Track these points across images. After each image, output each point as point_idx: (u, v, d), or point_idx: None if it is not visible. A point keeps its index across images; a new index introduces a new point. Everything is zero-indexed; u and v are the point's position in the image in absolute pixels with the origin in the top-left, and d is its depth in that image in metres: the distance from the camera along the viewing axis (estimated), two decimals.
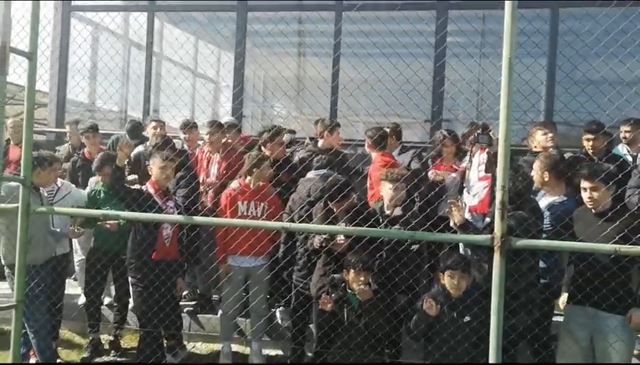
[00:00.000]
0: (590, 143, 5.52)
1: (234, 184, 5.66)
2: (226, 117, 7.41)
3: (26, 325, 5.06)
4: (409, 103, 6.32)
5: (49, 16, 9.08)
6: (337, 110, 8.07)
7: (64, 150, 7.84)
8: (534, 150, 5.54)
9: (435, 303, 4.02)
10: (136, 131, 7.21)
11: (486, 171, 4.77)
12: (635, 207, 4.51)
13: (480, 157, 5.15)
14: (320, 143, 6.21)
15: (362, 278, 4.38)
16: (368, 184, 5.88)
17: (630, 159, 5.74)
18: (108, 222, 5.47)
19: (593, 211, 4.11)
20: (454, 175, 5.76)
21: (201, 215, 4.82)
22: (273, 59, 7.96)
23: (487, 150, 4.77)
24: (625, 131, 5.80)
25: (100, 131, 8.31)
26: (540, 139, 5.55)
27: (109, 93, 8.87)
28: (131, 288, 5.33)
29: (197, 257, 5.65)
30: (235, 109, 8.38)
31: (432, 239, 4.08)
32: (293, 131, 6.89)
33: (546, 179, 4.63)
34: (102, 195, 5.77)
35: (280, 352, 5.96)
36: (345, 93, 7.51)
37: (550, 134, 5.54)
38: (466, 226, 3.99)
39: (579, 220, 4.22)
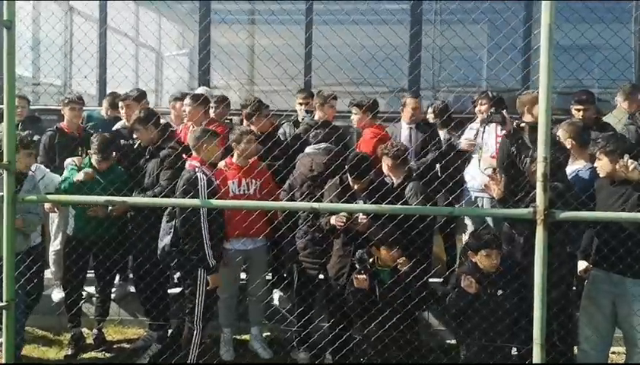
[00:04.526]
0: (581, 113, 5.45)
1: (221, 163, 5.27)
2: (200, 88, 6.95)
3: None
4: (384, 71, 6.12)
5: None
6: (310, 81, 7.76)
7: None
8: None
9: (474, 281, 3.90)
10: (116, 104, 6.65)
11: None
12: None
13: (498, 129, 5.05)
14: (317, 116, 5.91)
15: (396, 254, 4.24)
16: None
17: None
18: (93, 208, 5.07)
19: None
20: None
21: None
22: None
23: (502, 129, 4.61)
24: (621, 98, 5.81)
25: (44, 107, 7.72)
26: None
27: (51, 66, 8.24)
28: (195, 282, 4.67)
29: None
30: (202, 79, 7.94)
31: (471, 214, 3.97)
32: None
33: (569, 147, 4.57)
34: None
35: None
36: (316, 62, 7.23)
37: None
38: (505, 200, 3.87)
39: (601, 189, 4.20)
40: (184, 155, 5.07)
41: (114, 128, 6.13)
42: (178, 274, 5.49)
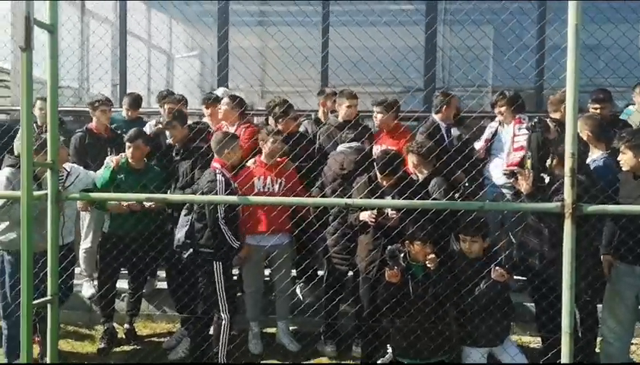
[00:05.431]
0: (598, 111, 5.55)
1: (250, 162, 5.48)
2: (220, 89, 7.07)
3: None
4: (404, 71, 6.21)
5: None
6: (327, 80, 7.89)
7: None
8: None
9: (505, 271, 4.03)
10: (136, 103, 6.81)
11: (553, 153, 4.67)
12: None
13: (515, 128, 5.17)
14: (340, 116, 6.01)
15: (428, 249, 4.34)
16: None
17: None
18: (129, 203, 5.15)
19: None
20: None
21: None
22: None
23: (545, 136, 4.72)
24: (637, 94, 5.92)
25: (60, 108, 7.83)
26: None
27: (66, 69, 8.37)
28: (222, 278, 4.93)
29: None
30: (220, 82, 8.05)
31: (500, 208, 4.08)
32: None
33: (586, 139, 4.67)
34: (123, 174, 5.37)
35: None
36: (334, 63, 7.34)
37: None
38: (534, 195, 3.99)
39: (625, 183, 4.31)
40: None
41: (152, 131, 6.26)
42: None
